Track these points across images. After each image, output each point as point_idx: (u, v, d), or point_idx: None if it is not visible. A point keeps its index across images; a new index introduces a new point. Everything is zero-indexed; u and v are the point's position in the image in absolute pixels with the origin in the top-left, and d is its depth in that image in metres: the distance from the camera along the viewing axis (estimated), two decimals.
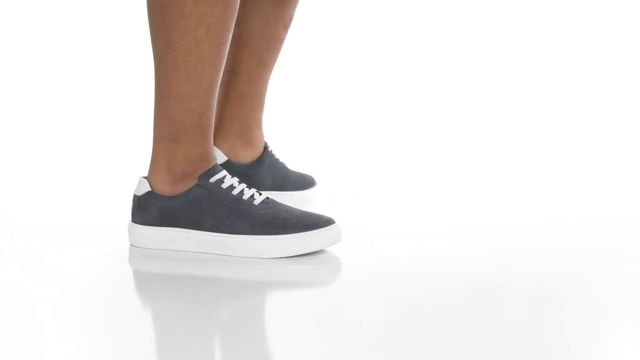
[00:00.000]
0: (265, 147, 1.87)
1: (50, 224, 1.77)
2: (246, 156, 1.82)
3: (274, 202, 1.55)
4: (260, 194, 1.55)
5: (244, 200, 1.54)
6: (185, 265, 1.48)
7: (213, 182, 1.54)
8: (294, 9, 1.83)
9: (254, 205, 1.53)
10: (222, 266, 1.48)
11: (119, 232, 1.63)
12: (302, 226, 1.51)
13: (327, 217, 1.54)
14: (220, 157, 1.81)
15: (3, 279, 1.42)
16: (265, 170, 1.84)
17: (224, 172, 1.56)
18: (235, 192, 1.54)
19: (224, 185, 1.54)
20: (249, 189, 1.55)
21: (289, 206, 1.55)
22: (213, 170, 1.55)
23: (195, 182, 1.54)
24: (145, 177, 1.57)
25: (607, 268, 1.50)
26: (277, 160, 1.90)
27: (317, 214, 1.54)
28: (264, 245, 1.51)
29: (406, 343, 1.17)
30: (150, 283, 1.43)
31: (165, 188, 1.55)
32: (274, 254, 1.51)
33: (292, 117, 2.96)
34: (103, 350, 1.12)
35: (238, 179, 1.57)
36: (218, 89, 1.56)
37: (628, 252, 1.60)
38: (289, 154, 2.05)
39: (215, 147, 1.80)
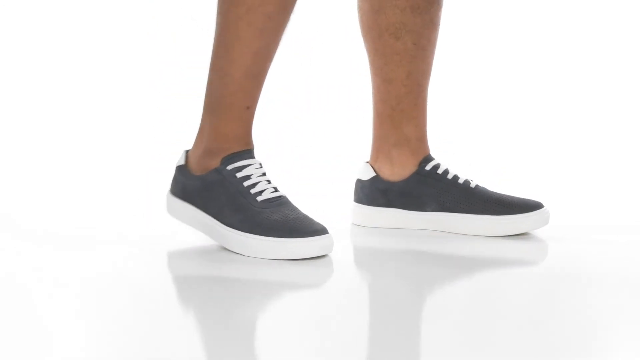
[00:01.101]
0: (420, 165, 1.73)
1: (56, 226, 1.76)
2: (392, 174, 1.74)
3: (283, 202, 1.54)
4: (277, 190, 1.55)
5: (249, 194, 1.53)
6: (187, 266, 1.48)
7: (230, 169, 1.55)
8: (395, 17, 1.69)
9: (256, 201, 1.53)
10: (222, 266, 1.48)
11: (118, 234, 1.62)
12: (287, 231, 1.50)
13: (321, 225, 1.51)
14: (369, 173, 1.74)
15: (19, 280, 1.42)
16: (418, 190, 1.71)
17: (247, 161, 1.56)
18: (247, 183, 1.54)
19: (240, 175, 1.55)
20: (268, 182, 1.55)
21: (295, 209, 1.54)
22: (236, 157, 1.56)
23: (217, 165, 1.56)
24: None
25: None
26: (442, 178, 1.71)
27: (316, 222, 1.52)
28: (247, 244, 1.51)
29: (404, 343, 1.16)
30: (152, 285, 1.43)
31: (195, 163, 1.58)
32: (255, 254, 1.50)
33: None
34: (102, 351, 1.12)
35: (264, 172, 1.56)
36: (260, 76, 1.56)
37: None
38: None
39: (367, 164, 1.76)
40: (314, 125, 2.85)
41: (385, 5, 1.70)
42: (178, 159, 1.62)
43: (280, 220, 1.50)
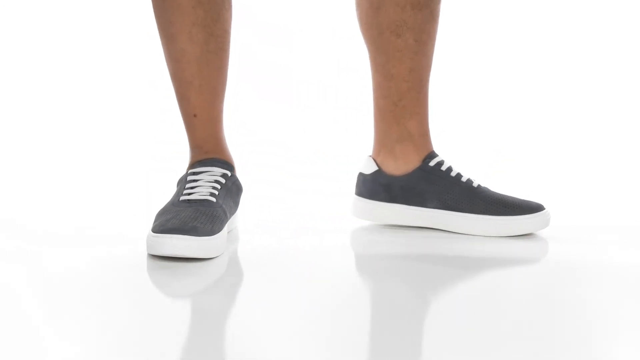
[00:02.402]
0: (425, 161, 1.72)
1: (56, 226, 1.76)
2: (395, 168, 1.72)
3: (183, 208, 1.56)
4: (190, 194, 1.59)
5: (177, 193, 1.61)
6: (187, 266, 1.48)
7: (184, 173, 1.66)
8: (395, 14, 1.67)
9: (177, 200, 1.58)
10: (220, 265, 1.48)
11: (119, 234, 1.62)
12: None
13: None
14: (372, 167, 1.74)
15: (19, 280, 1.42)
16: (420, 186, 1.71)
17: (192, 170, 1.63)
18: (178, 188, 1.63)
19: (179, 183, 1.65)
20: (188, 188, 1.59)
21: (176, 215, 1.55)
22: (189, 174, 1.63)
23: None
24: None
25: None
26: (445, 175, 1.71)
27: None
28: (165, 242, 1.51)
29: (405, 343, 1.16)
30: (152, 284, 1.43)
31: None
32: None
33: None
34: (103, 351, 1.12)
35: (194, 179, 1.61)
36: (194, 83, 1.63)
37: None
38: None
39: (370, 158, 1.75)
40: (313, 121, 2.84)
41: (386, 3, 1.68)
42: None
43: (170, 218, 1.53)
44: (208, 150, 1.66)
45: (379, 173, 1.73)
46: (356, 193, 1.77)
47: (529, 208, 1.67)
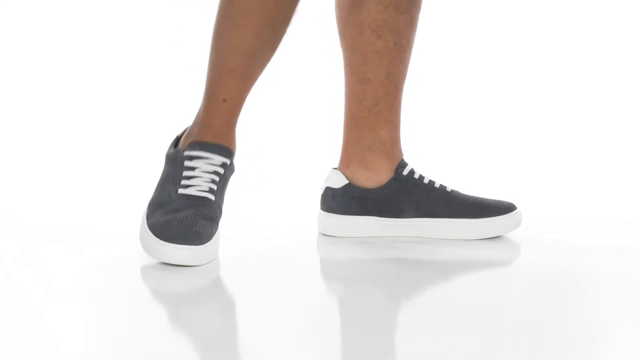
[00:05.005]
0: (397, 170, 1.70)
1: (56, 225, 1.77)
2: (368, 180, 1.69)
3: (195, 205, 1.53)
4: (206, 192, 1.54)
5: (178, 182, 1.55)
6: (185, 267, 1.49)
7: (185, 154, 1.56)
8: (378, 13, 1.64)
9: (175, 192, 1.53)
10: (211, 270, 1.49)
11: (119, 234, 1.63)
12: None
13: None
14: (341, 180, 1.70)
15: (19, 280, 1.43)
16: (397, 197, 1.68)
17: (204, 154, 1.55)
18: (186, 173, 1.56)
19: (188, 164, 1.56)
20: (206, 182, 1.55)
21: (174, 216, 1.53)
22: (198, 146, 1.56)
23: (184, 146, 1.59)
24: None
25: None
26: (419, 183, 1.69)
27: None
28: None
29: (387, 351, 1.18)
30: (151, 284, 1.44)
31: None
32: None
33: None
34: (103, 351, 1.13)
35: (214, 171, 1.55)
36: (237, 72, 1.56)
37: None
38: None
39: (338, 171, 1.71)
40: (308, 122, 2.84)
41: (369, 1, 1.65)
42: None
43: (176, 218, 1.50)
44: (217, 134, 1.58)
45: (350, 186, 1.69)
46: (325, 209, 1.71)
47: (504, 208, 1.68)
